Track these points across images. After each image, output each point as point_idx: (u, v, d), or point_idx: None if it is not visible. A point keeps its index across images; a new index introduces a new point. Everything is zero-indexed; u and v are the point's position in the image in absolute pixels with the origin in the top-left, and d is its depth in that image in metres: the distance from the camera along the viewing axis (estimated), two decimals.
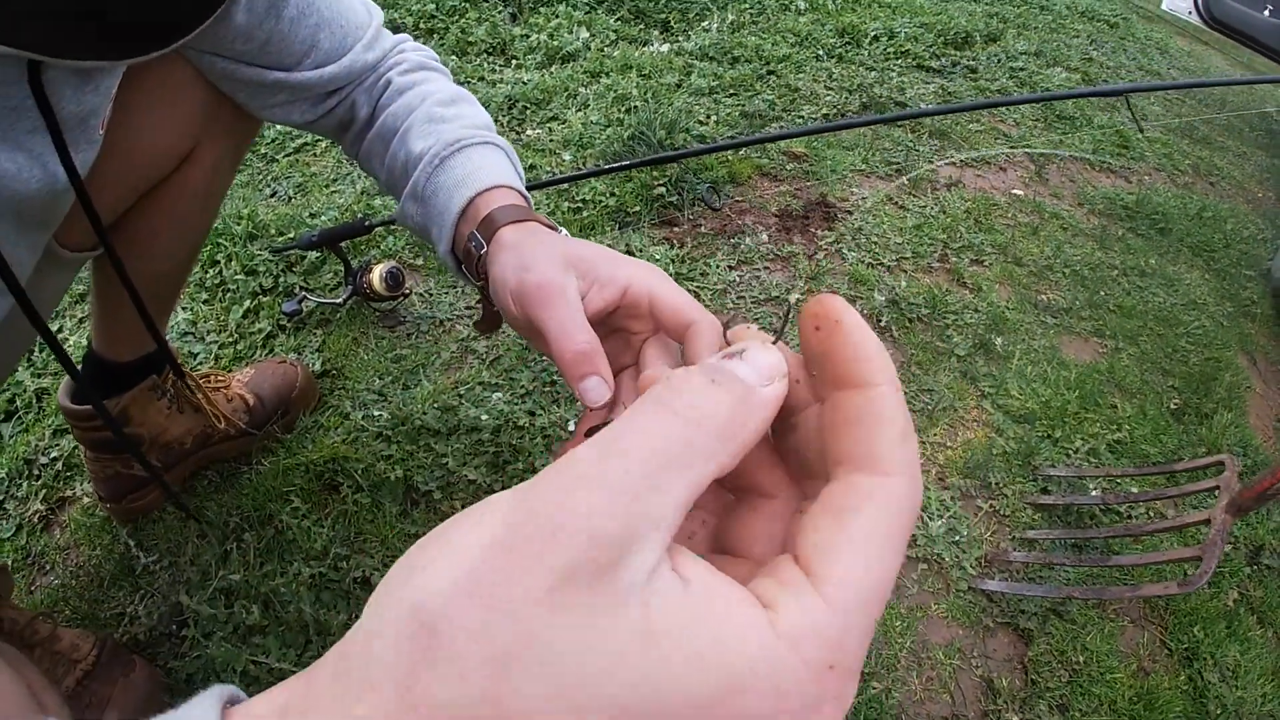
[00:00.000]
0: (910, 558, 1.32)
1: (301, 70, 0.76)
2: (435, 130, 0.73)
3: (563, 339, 0.50)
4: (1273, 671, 1.35)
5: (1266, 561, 1.55)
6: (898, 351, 1.70)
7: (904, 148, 2.40)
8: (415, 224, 0.74)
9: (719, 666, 0.21)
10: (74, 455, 1.29)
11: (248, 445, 1.29)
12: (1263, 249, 2.72)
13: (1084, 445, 1.59)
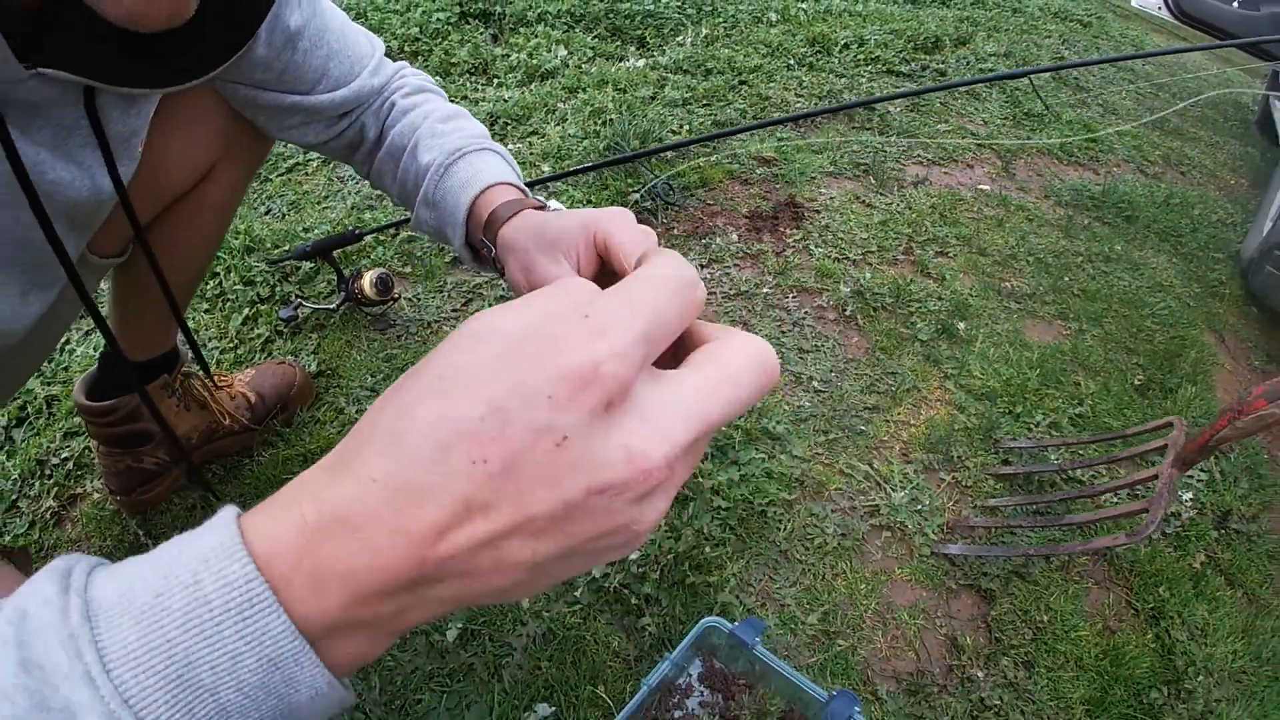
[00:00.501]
0: (874, 525, 1.40)
1: (315, 95, 0.86)
2: (438, 143, 0.82)
3: None
4: (1243, 630, 1.41)
5: (1235, 526, 1.61)
6: (862, 338, 1.78)
7: (871, 149, 2.49)
8: (431, 227, 0.83)
9: (516, 337, 0.29)
10: (84, 455, 1.37)
11: (250, 440, 1.38)
12: (1232, 232, 2.79)
13: (1045, 419, 1.66)
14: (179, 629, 0.28)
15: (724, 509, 1.34)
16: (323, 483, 0.30)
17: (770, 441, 1.48)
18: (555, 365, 0.28)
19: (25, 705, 0.26)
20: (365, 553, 0.28)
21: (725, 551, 1.29)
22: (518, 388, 0.28)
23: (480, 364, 0.29)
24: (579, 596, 1.21)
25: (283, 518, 0.29)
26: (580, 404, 0.28)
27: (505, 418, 0.28)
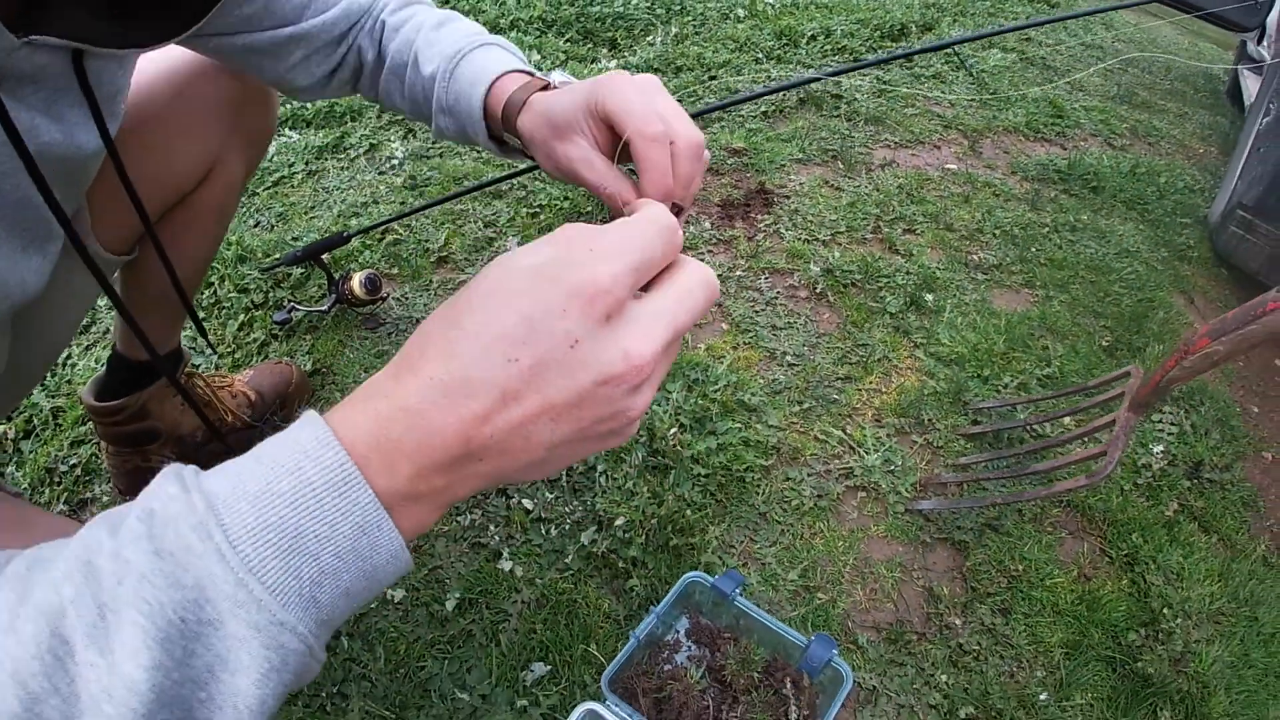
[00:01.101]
0: (849, 486, 1.47)
1: (306, 21, 0.85)
2: (436, 51, 0.83)
3: (598, 190, 0.65)
4: (1219, 573, 1.47)
5: (1208, 475, 1.67)
6: (833, 314, 1.86)
7: (839, 135, 2.56)
8: (453, 132, 0.84)
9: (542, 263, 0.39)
10: (91, 461, 1.44)
11: (252, 437, 1.44)
12: (1200, 198, 2.86)
13: (1013, 381, 1.73)
14: (288, 507, 0.36)
15: (704, 476, 1.41)
16: (390, 383, 0.39)
17: (746, 413, 1.55)
18: (569, 284, 0.37)
19: (163, 584, 0.34)
20: (426, 435, 0.37)
21: (706, 515, 1.36)
22: (540, 302, 0.37)
23: (511, 285, 0.38)
24: (569, 563, 1.28)
25: (361, 409, 0.39)
26: (588, 315, 0.38)
27: (532, 325, 0.37)
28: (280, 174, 2.26)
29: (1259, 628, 1.41)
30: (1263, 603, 1.45)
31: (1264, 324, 1.15)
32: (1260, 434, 1.90)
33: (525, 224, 2.01)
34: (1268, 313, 1.14)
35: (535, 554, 1.30)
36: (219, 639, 0.35)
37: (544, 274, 0.38)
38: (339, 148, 2.39)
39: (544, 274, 0.38)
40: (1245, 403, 1.99)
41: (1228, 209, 2.41)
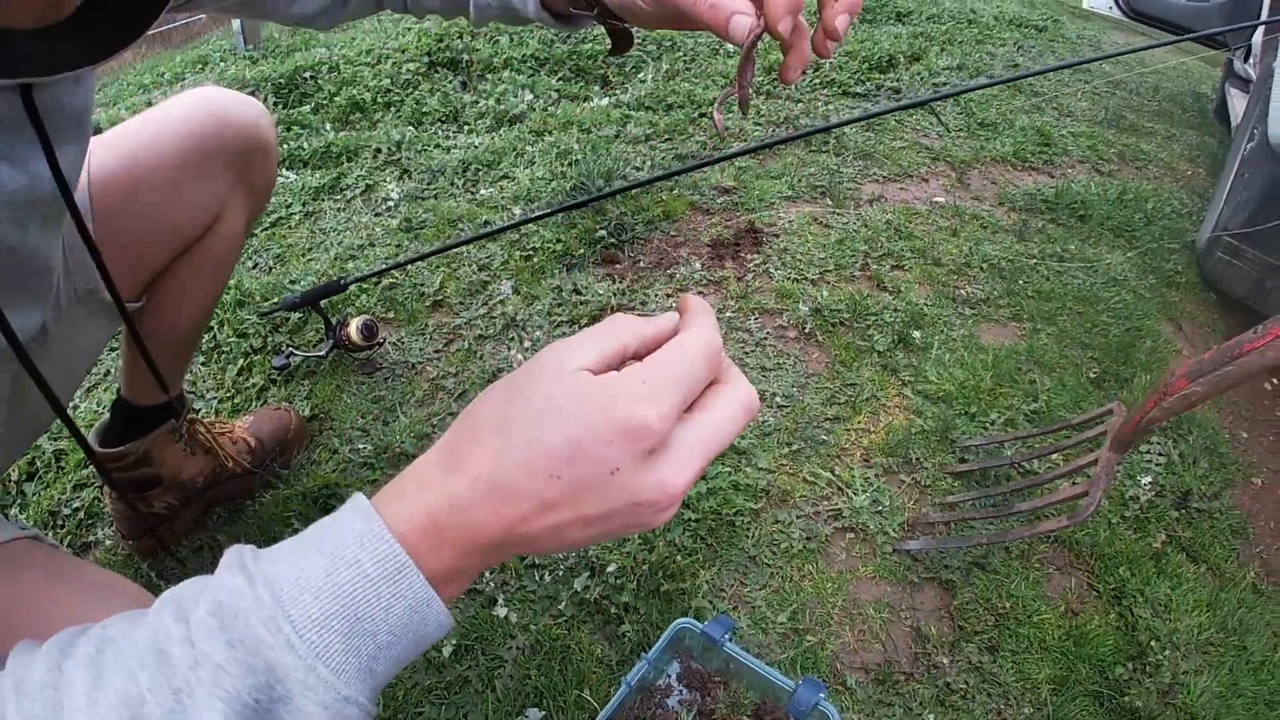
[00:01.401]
0: (838, 528, 1.50)
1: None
2: None
3: (695, 4, 0.59)
4: (1207, 603, 1.47)
5: (1196, 505, 1.69)
6: (822, 353, 1.89)
7: (828, 171, 2.61)
8: (498, 9, 0.78)
9: (591, 386, 0.43)
10: (93, 505, 1.48)
11: (252, 483, 1.48)
12: (1188, 222, 2.89)
13: (1000, 417, 1.76)
14: (348, 596, 0.40)
15: (694, 520, 1.44)
16: (439, 475, 0.44)
17: (736, 455, 1.58)
18: (617, 418, 0.41)
19: (238, 672, 0.39)
20: (471, 529, 0.43)
21: (697, 560, 1.39)
22: (589, 428, 0.41)
23: (562, 403, 0.42)
24: (563, 610, 1.30)
25: (412, 501, 0.43)
26: (630, 449, 0.41)
27: (578, 450, 0.41)
28: (278, 215, 2.31)
29: (1248, 656, 1.42)
30: (1251, 631, 1.46)
31: (1240, 365, 1.16)
32: (1249, 459, 1.91)
33: (519, 266, 2.05)
34: (1244, 354, 1.16)
35: (530, 600, 1.32)
36: (289, 714, 0.39)
37: (595, 400, 0.42)
38: (335, 188, 2.44)
39: (595, 400, 0.42)
40: (1234, 429, 2.01)
41: (1214, 234, 2.44)
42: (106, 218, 0.99)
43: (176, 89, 3.22)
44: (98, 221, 0.99)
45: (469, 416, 0.45)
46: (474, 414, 0.45)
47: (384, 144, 2.65)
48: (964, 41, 4.20)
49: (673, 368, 0.44)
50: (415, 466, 0.45)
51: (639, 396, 0.42)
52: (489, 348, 1.83)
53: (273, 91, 2.94)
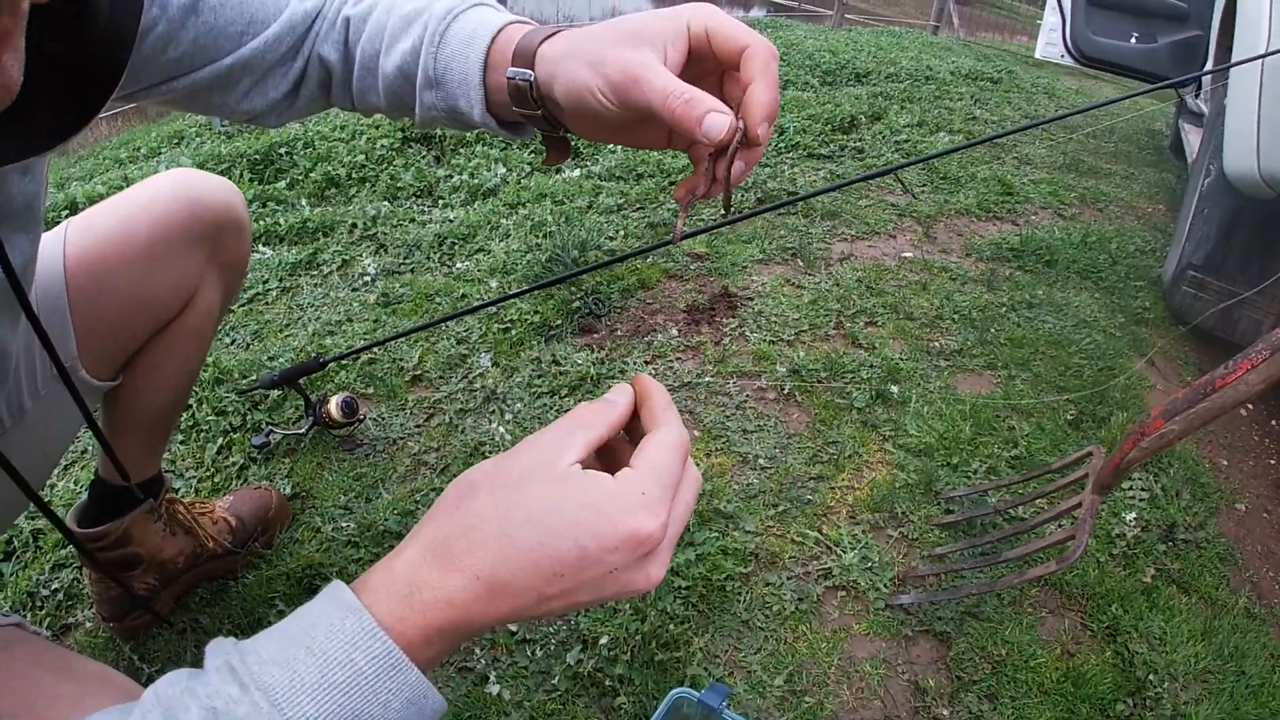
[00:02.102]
0: (829, 587, 1.50)
1: (245, 45, 0.75)
2: (419, 22, 0.71)
3: (666, 99, 0.53)
4: (1202, 633, 1.48)
5: (1182, 536, 1.71)
6: (802, 413, 1.91)
7: (798, 233, 2.67)
8: (441, 111, 0.71)
9: (590, 491, 0.46)
10: (73, 586, 1.45)
11: (233, 563, 1.46)
12: (1152, 259, 2.97)
13: (982, 466, 1.78)
14: (345, 695, 0.42)
15: (684, 588, 1.44)
16: (434, 575, 0.45)
17: (723, 520, 1.59)
18: (625, 530, 0.45)
19: None
20: (465, 622, 0.45)
21: (690, 627, 1.38)
22: (597, 539, 0.44)
23: (570, 511, 0.45)
24: (556, 684, 1.29)
25: (403, 601, 0.44)
26: (633, 555, 0.45)
27: (585, 556, 0.44)
28: (255, 291, 2.33)
29: (1247, 680, 1.43)
30: (1248, 655, 1.47)
31: (1214, 401, 1.19)
32: (1231, 486, 1.94)
33: (497, 339, 2.08)
34: (1217, 389, 1.19)
35: (522, 676, 1.31)
36: None
37: (602, 509, 0.45)
38: (312, 264, 2.46)
39: (602, 509, 0.45)
40: (1214, 457, 2.04)
41: (1178, 269, 2.50)
42: (82, 297, 1.01)
43: (153, 164, 3.25)
44: (74, 301, 1.00)
45: (460, 511, 0.47)
46: (466, 510, 0.47)
47: (360, 219, 2.68)
48: (922, 99, 4.34)
49: (663, 473, 0.48)
50: (404, 559, 0.46)
51: (642, 507, 0.46)
52: (470, 421, 1.84)
53: (248, 167, 2.99)
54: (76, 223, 1.05)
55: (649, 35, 0.56)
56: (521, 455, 0.49)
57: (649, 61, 0.55)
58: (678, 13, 0.57)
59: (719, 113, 0.52)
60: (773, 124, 0.55)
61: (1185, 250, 2.51)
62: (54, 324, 0.99)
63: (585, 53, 0.58)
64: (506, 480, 0.47)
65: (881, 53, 5.53)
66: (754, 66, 0.54)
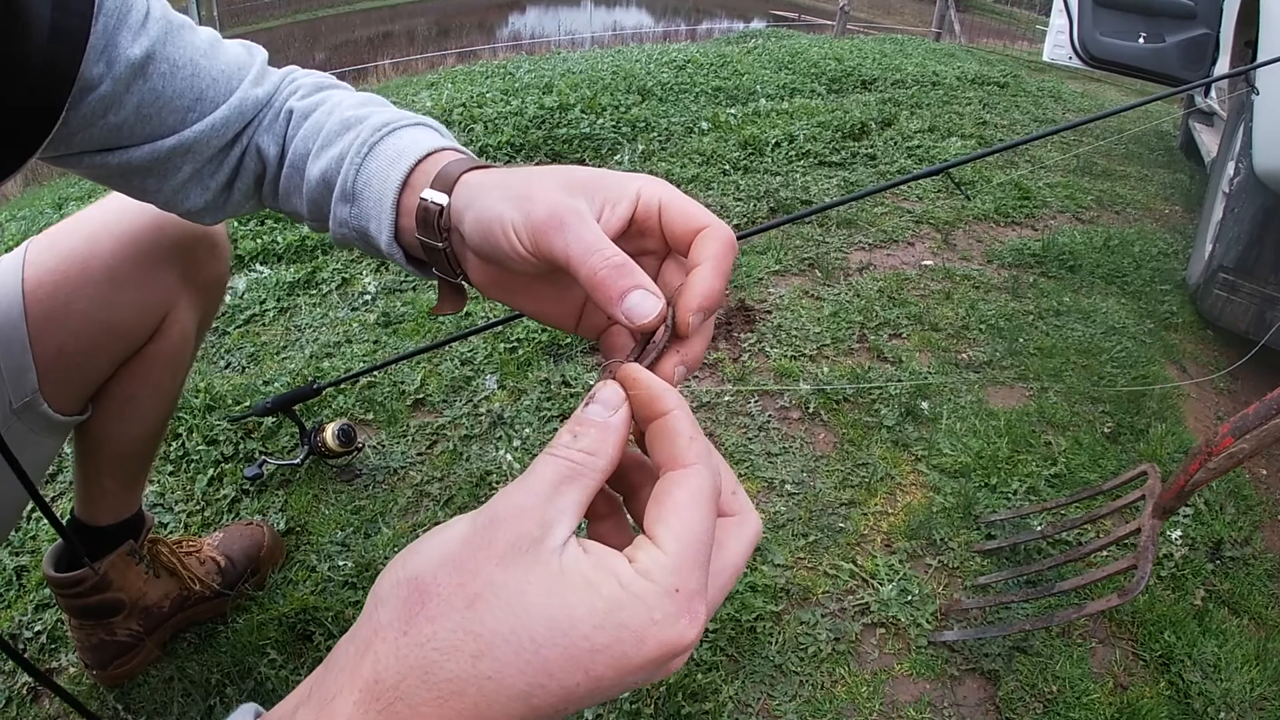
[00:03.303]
0: (867, 624, 1.39)
1: (189, 126, 0.69)
2: (354, 130, 0.65)
3: (591, 257, 0.43)
4: (1255, 656, 1.40)
5: (1229, 554, 1.62)
6: (829, 433, 1.81)
7: (814, 242, 2.57)
8: (352, 229, 0.64)
9: (607, 594, 0.32)
10: (57, 628, 1.36)
11: (222, 606, 1.37)
12: (1175, 261, 2.88)
13: (1021, 486, 1.68)
14: None
15: (711, 631, 1.33)
16: None
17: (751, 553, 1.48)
18: (654, 647, 0.33)
19: None
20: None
21: (718, 675, 1.28)
22: (617, 664, 0.32)
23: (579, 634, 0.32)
24: None
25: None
26: (660, 667, 0.34)
27: (597, 687, 0.32)
28: (251, 312, 2.24)
29: None
30: None
31: None
32: (1274, 497, 1.86)
33: (503, 360, 1.98)
34: None
35: None
36: None
37: (625, 624, 0.32)
38: (310, 283, 2.37)
39: (625, 624, 0.32)
40: (1253, 468, 1.96)
41: (1209, 272, 2.42)
42: (42, 323, 0.92)
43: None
44: (33, 328, 0.92)
45: (409, 639, 0.33)
46: (419, 635, 0.33)
47: None
48: (931, 104, 4.27)
49: (700, 547, 0.35)
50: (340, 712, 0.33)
51: (674, 615, 0.33)
52: (476, 448, 1.74)
53: None
54: (37, 242, 0.96)
55: (592, 188, 0.47)
56: (492, 535, 0.34)
57: (582, 210, 0.45)
58: (628, 178, 0.49)
59: (650, 293, 0.42)
60: (711, 317, 0.44)
61: (1215, 252, 2.42)
62: (12, 353, 0.91)
63: (514, 187, 0.49)
64: (475, 584, 0.33)
65: (886, 59, 5.47)
66: (706, 249, 0.44)
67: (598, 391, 0.39)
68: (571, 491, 0.35)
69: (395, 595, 0.34)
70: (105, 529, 1.18)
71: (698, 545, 0.35)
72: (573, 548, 0.34)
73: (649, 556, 0.34)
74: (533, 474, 0.36)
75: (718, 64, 4.91)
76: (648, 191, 0.47)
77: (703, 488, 0.36)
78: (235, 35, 0.84)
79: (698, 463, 0.37)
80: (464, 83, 4.53)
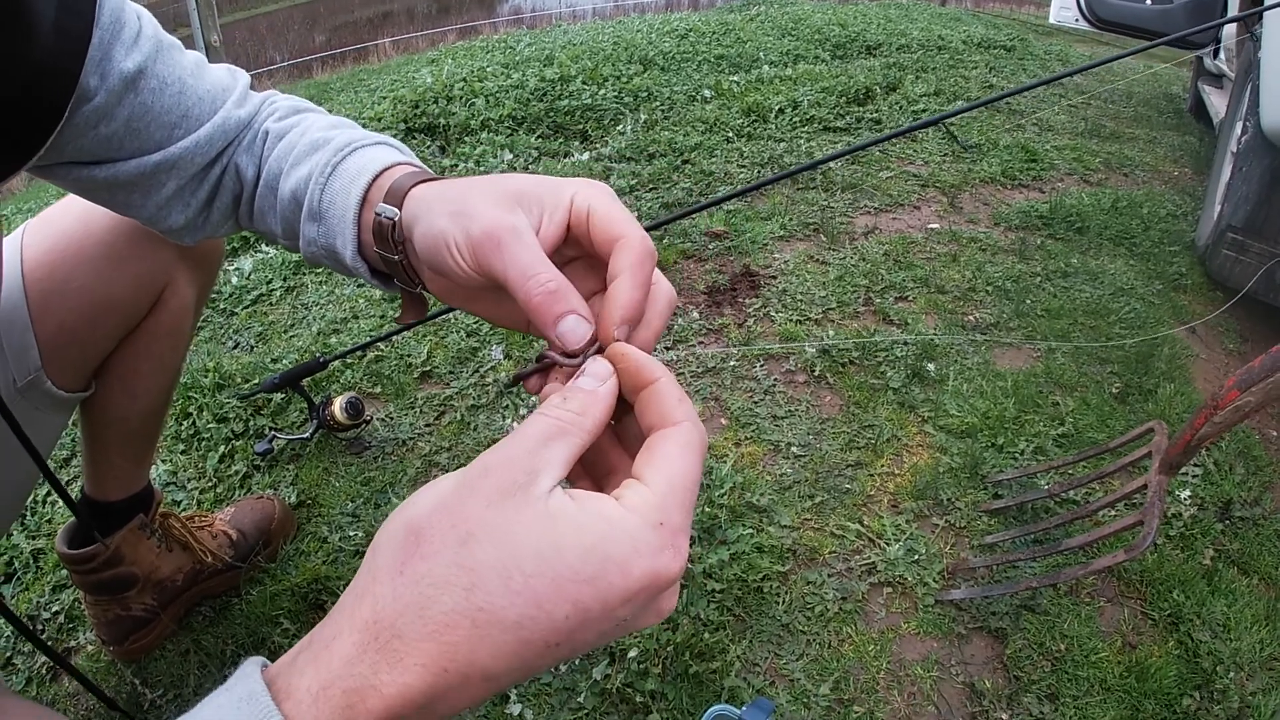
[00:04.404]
0: (874, 584, 1.39)
1: (175, 143, 0.71)
2: (322, 150, 0.67)
3: (527, 283, 0.45)
4: (1265, 616, 1.39)
5: (1239, 513, 1.60)
6: (835, 396, 1.80)
7: (818, 207, 2.55)
8: (321, 248, 0.66)
9: (591, 528, 0.35)
10: (74, 608, 1.38)
11: (235, 579, 1.38)
12: (1184, 223, 2.85)
13: (1029, 446, 1.67)
14: None
15: (718, 591, 1.34)
16: (384, 674, 0.33)
17: (756, 515, 1.49)
18: (639, 577, 0.35)
19: None
20: (429, 713, 0.34)
21: (726, 635, 1.28)
22: (604, 594, 0.34)
23: (567, 566, 0.34)
24: (582, 702, 1.19)
25: (341, 716, 0.33)
26: (645, 602, 0.36)
27: (586, 618, 0.34)
28: (258, 292, 2.26)
29: None
30: None
31: None
32: None
33: (508, 330, 1.97)
34: None
35: (545, 694, 1.22)
36: None
37: (611, 556, 0.35)
38: None
39: (611, 556, 0.35)
40: (1263, 429, 1.94)
41: (1217, 232, 2.39)
42: (42, 302, 0.93)
43: None
44: (34, 307, 0.93)
45: (406, 578, 0.34)
46: (414, 575, 0.34)
47: None
48: (937, 68, 4.22)
49: (685, 490, 0.38)
50: (338, 653, 0.34)
51: (659, 546, 0.35)
52: (483, 418, 1.74)
53: None
54: (33, 224, 0.97)
55: (529, 200, 0.49)
56: (482, 483, 0.36)
57: (519, 228, 0.47)
58: (563, 184, 0.50)
59: (582, 318, 0.45)
60: (633, 328, 0.46)
61: (1223, 212, 2.39)
62: (14, 334, 0.92)
63: (453, 201, 0.51)
64: (467, 524, 0.35)
65: (891, 24, 5.40)
66: (623, 260, 0.46)
67: (588, 366, 0.43)
68: (559, 445, 0.38)
69: (392, 542, 0.36)
70: (115, 504, 1.19)
71: (684, 488, 0.37)
72: (559, 494, 0.36)
73: (635, 494, 0.37)
74: (523, 429, 0.38)
75: (720, 32, 4.86)
76: (580, 198, 0.49)
77: (692, 440, 0.40)
78: (234, 20, 0.87)
79: (686, 420, 0.40)
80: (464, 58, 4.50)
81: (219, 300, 2.24)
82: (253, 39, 11.48)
